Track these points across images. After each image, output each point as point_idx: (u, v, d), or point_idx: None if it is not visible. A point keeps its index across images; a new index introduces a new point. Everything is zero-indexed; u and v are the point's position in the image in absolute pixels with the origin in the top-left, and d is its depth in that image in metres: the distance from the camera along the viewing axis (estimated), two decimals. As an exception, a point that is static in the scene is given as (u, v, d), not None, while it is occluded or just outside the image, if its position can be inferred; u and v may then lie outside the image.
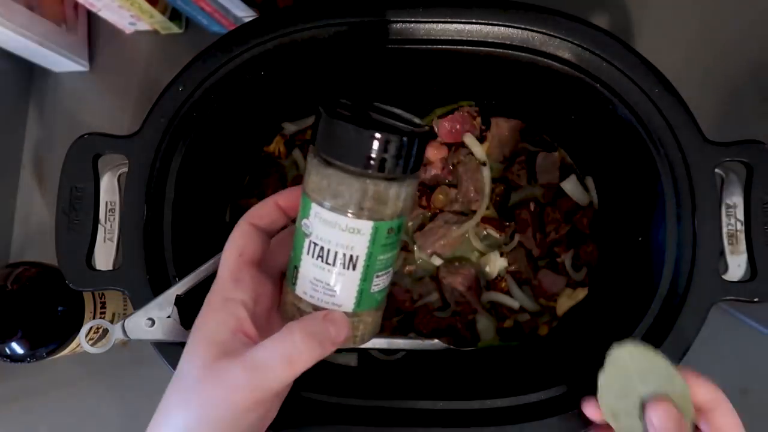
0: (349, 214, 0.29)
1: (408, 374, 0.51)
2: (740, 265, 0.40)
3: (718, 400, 0.34)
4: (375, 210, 0.29)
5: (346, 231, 0.29)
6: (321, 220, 0.30)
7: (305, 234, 0.31)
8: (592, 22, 0.42)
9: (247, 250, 0.33)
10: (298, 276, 0.31)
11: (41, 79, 0.62)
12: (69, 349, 0.47)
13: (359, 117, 0.29)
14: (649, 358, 0.34)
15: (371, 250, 0.30)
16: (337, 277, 0.30)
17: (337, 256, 0.30)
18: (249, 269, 0.33)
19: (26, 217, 0.60)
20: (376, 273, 0.31)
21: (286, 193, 0.35)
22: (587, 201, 0.53)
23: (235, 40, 0.42)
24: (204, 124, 0.43)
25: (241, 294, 0.32)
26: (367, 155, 0.28)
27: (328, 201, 0.29)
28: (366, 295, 0.31)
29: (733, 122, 0.56)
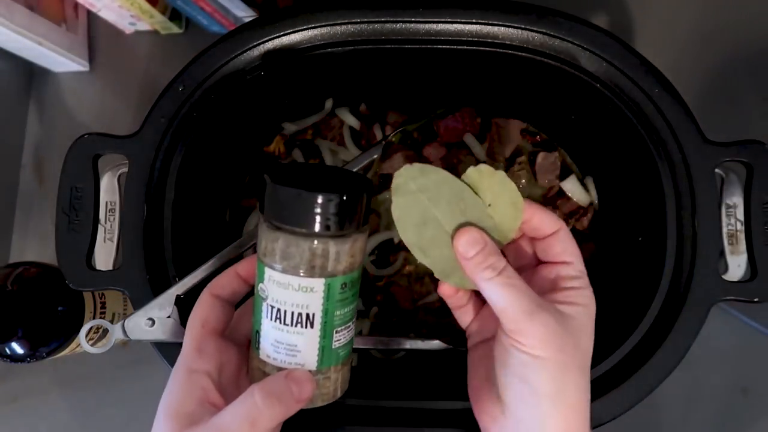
0: (300, 274, 0.30)
1: (408, 374, 0.51)
2: (740, 265, 0.40)
3: (557, 225, 0.33)
4: (326, 267, 0.30)
5: (299, 291, 0.30)
6: (275, 283, 0.31)
7: (262, 298, 0.32)
8: (592, 22, 0.42)
9: (210, 321, 0.34)
10: (260, 340, 0.32)
11: (41, 79, 0.62)
12: (69, 349, 0.47)
13: (302, 180, 0.31)
14: (430, 174, 0.32)
15: (326, 306, 0.31)
16: (297, 337, 0.31)
17: (293, 316, 0.31)
18: (212, 339, 0.34)
19: (26, 217, 0.60)
20: (335, 329, 0.32)
21: (244, 262, 0.36)
22: (587, 201, 0.53)
23: (235, 40, 0.42)
24: (204, 124, 0.43)
25: (205, 365, 0.32)
26: (311, 217, 0.29)
27: (279, 263, 0.30)
28: (328, 351, 0.32)
29: (733, 122, 0.56)
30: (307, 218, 0.30)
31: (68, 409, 0.57)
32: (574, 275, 0.33)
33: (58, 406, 0.57)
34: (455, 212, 0.32)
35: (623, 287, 0.47)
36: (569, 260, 0.33)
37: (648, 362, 0.38)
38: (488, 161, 0.54)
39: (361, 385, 0.46)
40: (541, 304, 0.30)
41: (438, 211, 0.32)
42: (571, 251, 0.33)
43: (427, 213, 0.32)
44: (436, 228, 0.32)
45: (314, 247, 0.30)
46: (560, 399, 0.30)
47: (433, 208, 0.32)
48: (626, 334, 0.40)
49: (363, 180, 0.33)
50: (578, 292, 0.32)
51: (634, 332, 0.40)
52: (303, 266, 0.30)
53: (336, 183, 0.32)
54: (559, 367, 0.30)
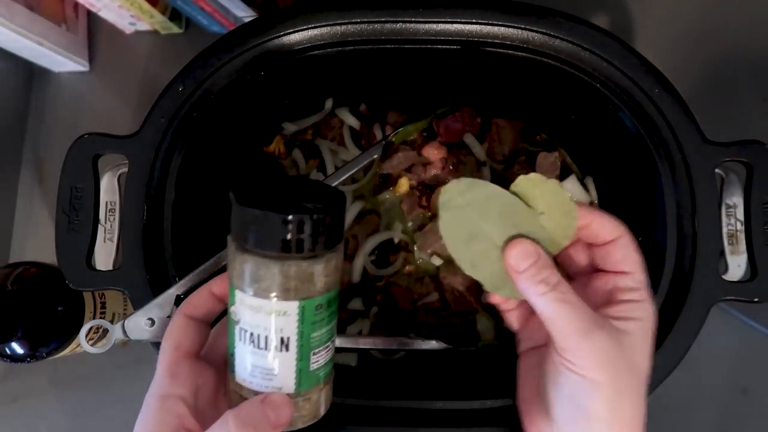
0: (273, 298, 0.29)
1: (408, 374, 0.51)
2: (740, 265, 0.40)
3: (618, 232, 0.32)
4: (300, 290, 0.29)
5: (272, 314, 0.29)
6: (247, 306, 0.29)
7: (234, 321, 0.30)
8: (592, 22, 0.42)
9: (184, 343, 0.33)
10: (235, 363, 0.31)
11: (41, 79, 0.62)
12: (69, 349, 0.47)
13: (269, 198, 0.29)
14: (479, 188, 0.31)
15: (302, 329, 0.30)
16: (272, 361, 0.30)
17: (268, 339, 0.29)
18: (187, 362, 0.32)
19: (26, 217, 0.60)
20: (312, 351, 0.30)
21: (219, 280, 0.34)
22: (587, 201, 0.53)
23: (235, 40, 0.42)
24: (204, 124, 0.43)
25: (179, 389, 0.31)
26: (282, 239, 0.28)
27: (250, 287, 0.29)
28: (306, 374, 0.31)
29: (733, 122, 0.56)
30: (276, 240, 0.28)
31: (68, 409, 0.57)
32: (633, 287, 0.31)
33: (58, 406, 0.57)
34: (507, 225, 0.31)
35: None
36: (628, 270, 0.32)
37: (648, 362, 0.38)
38: (488, 161, 0.54)
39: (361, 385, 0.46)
40: (596, 322, 0.29)
41: (487, 224, 0.31)
42: (632, 260, 0.32)
43: (476, 227, 0.31)
44: (486, 242, 0.31)
45: (285, 270, 0.29)
46: (615, 420, 0.29)
47: (483, 222, 0.31)
48: (626, 334, 0.40)
49: (335, 195, 0.31)
50: (636, 305, 0.31)
51: (634, 332, 0.40)
52: (275, 289, 0.29)
53: (306, 200, 0.30)
54: (614, 392, 0.29)
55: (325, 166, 0.55)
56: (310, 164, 0.56)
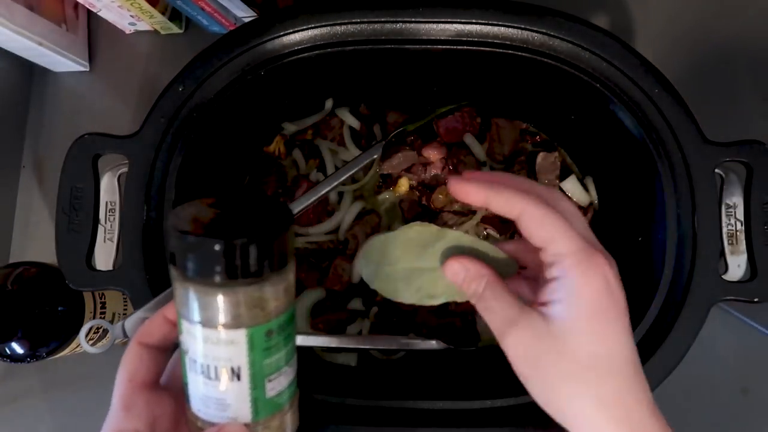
0: (219, 327, 0.27)
1: (408, 374, 0.51)
2: (740, 265, 0.40)
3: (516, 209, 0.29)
4: (248, 317, 0.27)
5: (219, 344, 0.28)
6: (193, 336, 0.28)
7: (184, 351, 0.29)
8: (592, 22, 0.42)
9: (138, 374, 0.31)
10: (189, 394, 0.30)
11: (41, 79, 0.62)
12: (69, 349, 0.47)
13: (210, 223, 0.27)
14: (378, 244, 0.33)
15: (252, 357, 0.28)
16: (225, 392, 0.28)
17: (218, 370, 0.28)
18: (142, 393, 0.31)
19: (26, 217, 0.60)
20: (267, 378, 0.29)
21: (172, 305, 0.32)
22: (587, 201, 0.53)
23: (235, 40, 0.42)
24: (204, 124, 0.43)
25: (134, 423, 0.30)
26: (224, 265, 0.26)
27: (195, 316, 0.27)
28: (262, 402, 0.29)
29: (733, 122, 0.56)
30: (218, 267, 0.26)
31: (68, 409, 0.57)
32: (550, 262, 0.29)
33: (58, 406, 0.57)
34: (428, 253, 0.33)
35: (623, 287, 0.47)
36: (540, 245, 0.29)
37: (648, 362, 0.38)
38: (488, 161, 0.54)
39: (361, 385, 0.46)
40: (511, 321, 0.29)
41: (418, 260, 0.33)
42: (541, 234, 0.29)
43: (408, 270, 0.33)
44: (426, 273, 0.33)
45: (230, 297, 0.27)
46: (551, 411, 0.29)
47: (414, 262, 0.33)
48: (626, 334, 0.40)
49: (280, 212, 0.29)
50: (555, 285, 0.28)
51: (634, 332, 0.40)
52: (221, 318, 0.27)
53: (248, 220, 0.28)
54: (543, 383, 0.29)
55: (325, 166, 0.55)
56: (310, 164, 0.56)
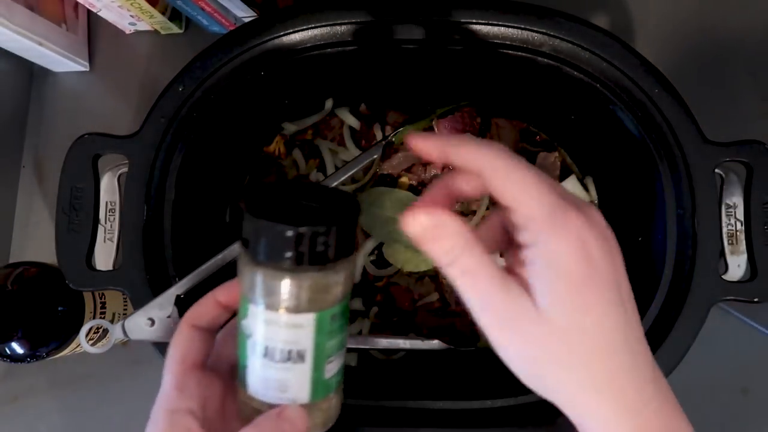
0: (287, 311, 0.28)
1: (408, 374, 0.51)
2: (740, 265, 0.40)
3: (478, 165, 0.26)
4: (314, 301, 0.28)
5: (287, 327, 0.28)
6: (260, 320, 0.29)
7: (246, 335, 0.29)
8: (592, 22, 0.42)
9: (190, 355, 0.32)
10: (247, 376, 0.30)
11: (41, 79, 0.62)
12: (69, 349, 0.47)
13: (282, 208, 0.28)
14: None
15: (317, 341, 0.29)
16: (287, 373, 0.29)
17: (282, 353, 0.29)
18: (194, 374, 0.31)
19: (26, 217, 0.60)
20: (327, 360, 0.30)
21: (224, 289, 0.33)
22: (587, 201, 0.53)
23: (235, 40, 0.42)
24: (204, 124, 0.43)
25: (187, 403, 0.30)
26: (296, 251, 0.27)
27: (263, 299, 0.28)
28: (320, 383, 0.30)
29: (733, 122, 0.56)
30: (290, 253, 0.27)
31: (68, 409, 0.57)
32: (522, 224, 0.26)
33: (58, 406, 0.57)
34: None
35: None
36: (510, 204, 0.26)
37: (648, 362, 0.38)
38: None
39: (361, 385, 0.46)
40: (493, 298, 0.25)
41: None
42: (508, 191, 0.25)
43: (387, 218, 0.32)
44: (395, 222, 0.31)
45: (300, 282, 0.28)
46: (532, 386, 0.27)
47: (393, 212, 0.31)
48: (626, 334, 0.40)
49: (349, 202, 0.30)
50: (530, 253, 0.25)
51: (634, 332, 0.40)
52: (289, 302, 0.28)
53: (320, 208, 0.29)
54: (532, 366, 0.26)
55: (325, 166, 0.55)
56: (310, 164, 0.56)
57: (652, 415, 0.26)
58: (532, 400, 0.40)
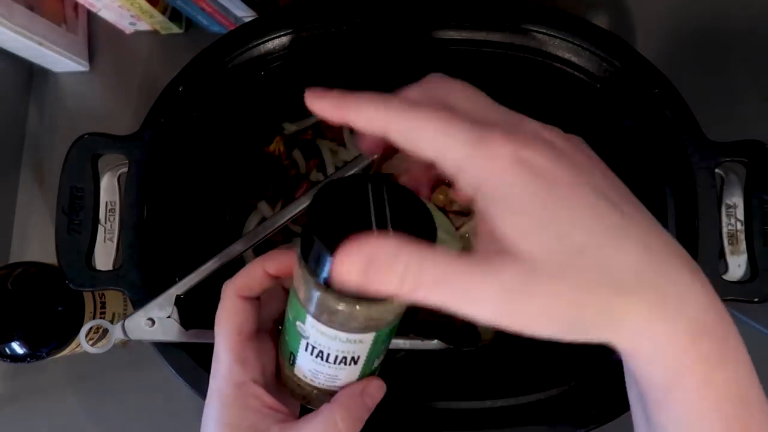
0: (348, 331, 0.27)
1: (408, 374, 0.51)
2: (740, 265, 0.39)
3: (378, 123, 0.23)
4: (376, 324, 0.28)
5: (346, 342, 0.28)
6: (318, 331, 0.28)
7: (302, 335, 0.29)
8: (592, 22, 0.42)
9: (245, 327, 0.31)
10: (296, 363, 0.31)
11: (41, 79, 0.62)
12: (69, 349, 0.47)
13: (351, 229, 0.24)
14: None
15: (372, 349, 0.29)
16: (338, 371, 0.30)
17: (337, 358, 0.29)
18: (251, 345, 0.31)
19: (26, 217, 0.60)
20: (377, 357, 0.31)
21: (274, 260, 0.31)
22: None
23: (235, 40, 0.42)
24: (204, 124, 0.43)
25: (251, 373, 0.31)
26: None
27: (325, 316, 0.27)
28: (367, 374, 0.31)
29: (733, 122, 0.56)
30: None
31: (68, 409, 0.57)
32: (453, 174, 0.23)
33: (58, 406, 0.57)
34: None
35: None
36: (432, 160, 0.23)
37: (648, 362, 0.38)
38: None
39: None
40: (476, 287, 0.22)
41: None
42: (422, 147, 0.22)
43: None
44: None
45: (366, 311, 0.26)
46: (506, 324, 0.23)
47: None
48: (626, 334, 0.40)
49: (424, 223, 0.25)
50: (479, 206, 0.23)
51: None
52: (350, 325, 0.27)
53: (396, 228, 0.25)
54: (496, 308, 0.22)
55: (325, 166, 0.55)
56: (310, 164, 0.56)
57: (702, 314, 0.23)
58: (532, 400, 0.40)
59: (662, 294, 0.22)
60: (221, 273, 0.38)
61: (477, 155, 0.22)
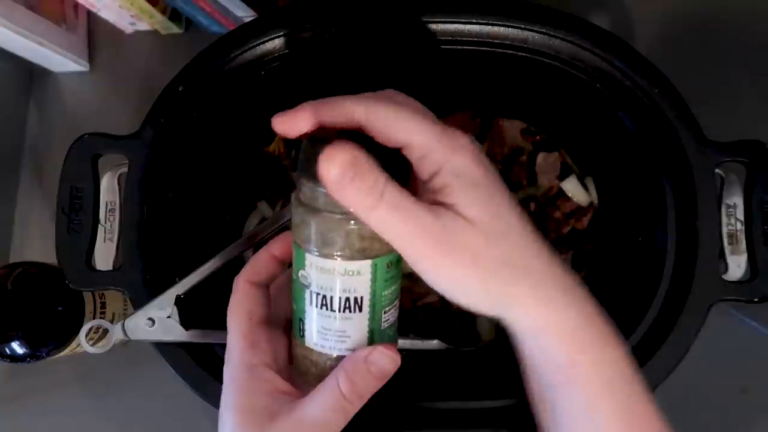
0: (345, 258, 0.29)
1: (408, 374, 0.51)
2: (740, 265, 0.39)
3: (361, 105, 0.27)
4: (371, 248, 0.29)
5: (345, 275, 0.29)
6: (318, 269, 0.29)
7: (305, 285, 0.30)
8: (592, 22, 0.42)
9: (256, 312, 0.32)
10: (305, 328, 0.31)
11: (41, 79, 0.62)
12: (69, 349, 0.47)
13: None
14: None
15: (374, 288, 0.30)
16: (345, 322, 0.30)
17: (341, 301, 0.29)
18: (262, 330, 0.32)
19: (26, 217, 0.60)
20: (384, 309, 0.31)
21: (278, 242, 0.34)
22: (587, 201, 0.53)
23: (234, 40, 0.42)
24: (204, 124, 0.43)
25: (262, 357, 0.31)
26: None
27: (321, 248, 0.29)
28: (377, 333, 0.31)
29: (733, 122, 0.56)
30: None
31: (68, 409, 0.57)
32: (421, 155, 0.27)
33: (58, 406, 0.57)
34: None
35: (623, 287, 0.47)
36: (402, 143, 0.27)
37: (648, 363, 0.38)
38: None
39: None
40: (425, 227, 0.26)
41: None
42: (397, 130, 0.27)
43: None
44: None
45: (359, 228, 0.28)
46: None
47: None
48: (626, 334, 0.40)
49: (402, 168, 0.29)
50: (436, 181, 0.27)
51: (634, 332, 0.40)
52: (347, 249, 0.28)
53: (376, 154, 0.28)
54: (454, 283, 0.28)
55: (325, 166, 0.55)
56: (310, 164, 0.56)
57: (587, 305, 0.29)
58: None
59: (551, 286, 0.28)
60: (221, 273, 0.38)
61: (444, 141, 0.27)
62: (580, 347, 0.29)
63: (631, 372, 0.30)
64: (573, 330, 0.29)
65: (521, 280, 0.28)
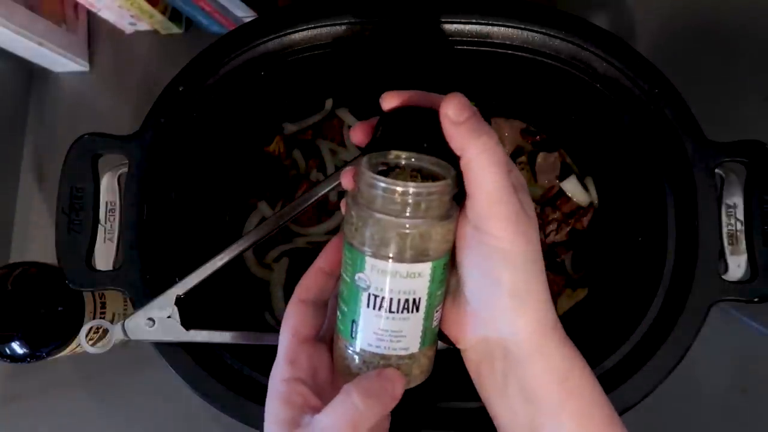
0: (407, 261, 0.29)
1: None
2: (740, 265, 0.39)
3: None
4: (434, 250, 0.29)
5: (406, 277, 0.29)
6: (378, 272, 0.29)
7: (362, 288, 0.30)
8: (592, 22, 0.42)
9: (301, 330, 0.33)
10: (358, 329, 0.31)
11: (41, 79, 0.62)
12: (69, 349, 0.47)
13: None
14: None
15: (431, 289, 0.30)
16: (402, 323, 0.30)
17: (399, 303, 0.30)
18: (304, 347, 0.33)
19: (26, 217, 0.60)
20: (435, 309, 0.31)
21: (325, 254, 0.34)
22: (587, 201, 0.53)
23: (235, 40, 0.42)
24: (204, 124, 0.43)
25: (298, 373, 0.32)
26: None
27: (383, 251, 0.29)
28: (428, 332, 0.31)
29: (733, 122, 0.56)
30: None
31: (68, 409, 0.57)
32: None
33: (58, 406, 0.57)
34: None
35: (623, 287, 0.47)
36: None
37: (648, 362, 0.38)
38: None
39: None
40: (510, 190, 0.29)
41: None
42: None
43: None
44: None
45: (424, 232, 0.28)
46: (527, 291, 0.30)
47: None
48: (626, 334, 0.40)
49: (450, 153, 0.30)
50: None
51: (634, 332, 0.40)
52: (410, 252, 0.29)
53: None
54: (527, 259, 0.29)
55: (325, 166, 0.55)
56: (310, 164, 0.56)
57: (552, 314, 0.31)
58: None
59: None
60: (221, 273, 0.38)
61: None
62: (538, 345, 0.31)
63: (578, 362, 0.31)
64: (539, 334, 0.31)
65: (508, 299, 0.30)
